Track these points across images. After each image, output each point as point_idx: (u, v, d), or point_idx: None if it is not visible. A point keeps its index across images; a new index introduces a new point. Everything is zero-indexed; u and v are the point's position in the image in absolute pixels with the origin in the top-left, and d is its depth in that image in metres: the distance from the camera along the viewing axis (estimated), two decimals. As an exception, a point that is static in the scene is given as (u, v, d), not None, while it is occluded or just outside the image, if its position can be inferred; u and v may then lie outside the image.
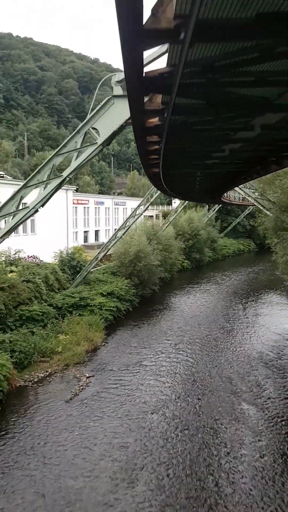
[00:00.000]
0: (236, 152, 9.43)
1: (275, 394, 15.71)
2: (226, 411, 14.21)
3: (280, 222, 21.49)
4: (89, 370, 18.09)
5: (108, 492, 9.66)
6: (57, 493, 9.59)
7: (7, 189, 31.69)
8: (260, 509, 9.31)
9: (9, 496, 9.56)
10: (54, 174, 11.80)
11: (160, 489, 9.92)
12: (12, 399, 15.19)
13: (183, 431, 12.79)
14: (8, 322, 19.96)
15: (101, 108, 11.07)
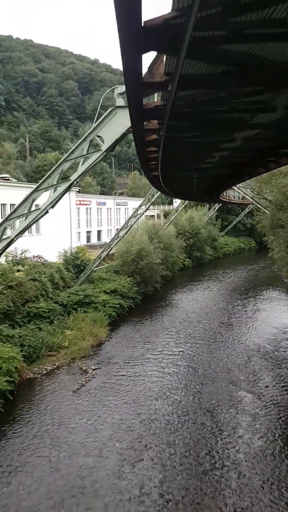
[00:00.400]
0: (225, 158, 10.32)
1: (271, 383, 16.59)
2: (225, 398, 15.11)
3: (276, 220, 22.34)
4: (95, 363, 18.99)
5: (116, 467, 10.61)
6: (70, 468, 10.56)
7: (14, 191, 32.70)
8: (253, 478, 10.20)
9: (28, 471, 10.56)
10: (62, 178, 12.76)
11: (163, 464, 10.84)
12: (22, 390, 16.10)
13: (184, 415, 13.71)
14: (17, 319, 20.88)
15: (105, 118, 12.01)
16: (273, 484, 10.23)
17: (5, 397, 14.72)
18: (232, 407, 14.43)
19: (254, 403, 14.81)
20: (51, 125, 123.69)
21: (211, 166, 11.45)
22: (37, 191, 12.95)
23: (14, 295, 21.39)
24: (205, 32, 4.31)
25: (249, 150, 9.97)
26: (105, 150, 12.20)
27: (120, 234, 32.89)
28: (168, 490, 9.90)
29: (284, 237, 20.67)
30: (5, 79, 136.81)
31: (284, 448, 11.86)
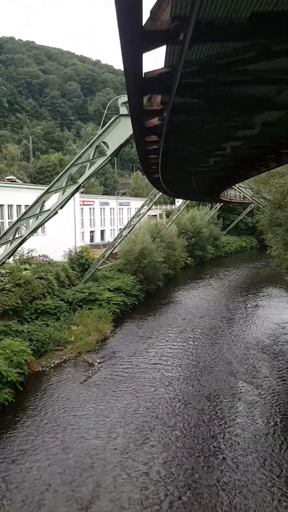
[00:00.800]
0: (219, 162, 11.12)
1: (269, 374, 17.38)
2: (224, 387, 15.93)
3: (275, 218, 23.10)
4: (100, 357, 19.82)
5: (123, 447, 11.50)
6: (81, 448, 11.45)
7: (24, 193, 33.65)
8: (248, 456, 11.02)
9: (42, 452, 11.48)
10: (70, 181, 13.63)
11: (167, 446, 11.69)
12: (32, 381, 16.95)
13: (186, 402, 14.58)
14: (25, 315, 21.74)
15: (109, 125, 12.85)
16: (266, 461, 11.01)
17: (16, 388, 15.56)
18: (231, 396, 15.24)
19: (251, 392, 15.61)
20: (53, 126, 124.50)
21: (207, 169, 12.26)
22: (48, 193, 13.84)
23: (22, 293, 22.25)
24: (188, 80, 5.45)
25: (237, 157, 10.74)
26: (110, 155, 13.08)
27: (123, 234, 33.72)
28: (170, 466, 10.76)
29: (282, 235, 21.45)
30: (8, 80, 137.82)
31: (277, 431, 12.65)
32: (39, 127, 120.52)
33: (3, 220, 31.53)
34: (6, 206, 31.69)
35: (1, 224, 31.39)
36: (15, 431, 12.80)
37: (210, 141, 8.78)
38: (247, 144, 9.02)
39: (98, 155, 13.33)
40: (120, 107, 12.25)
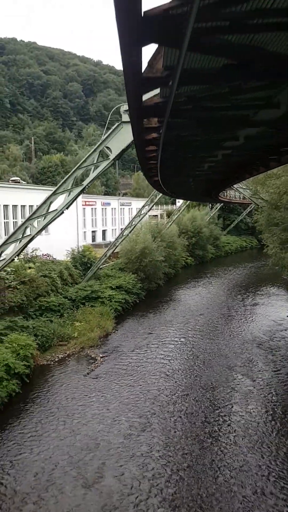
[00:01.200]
0: (213, 167, 11.86)
1: (264, 367, 18.13)
2: (221, 379, 16.70)
3: (272, 218, 23.83)
4: (103, 351, 20.58)
5: (126, 431, 12.35)
6: (86, 432, 12.29)
7: (24, 194, 34.44)
8: (242, 440, 11.79)
9: (50, 436, 12.32)
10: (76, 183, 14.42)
11: (166, 432, 12.45)
12: (37, 374, 17.72)
13: (185, 392, 15.37)
14: (30, 312, 22.51)
15: (112, 132, 13.63)
16: (258, 446, 11.76)
17: (23, 380, 16.33)
18: (227, 387, 16.00)
19: (247, 383, 16.37)
20: (55, 127, 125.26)
21: (203, 173, 13.01)
22: (55, 195, 14.62)
23: (27, 290, 23.02)
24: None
25: (229, 163, 11.46)
26: (112, 159, 13.88)
27: (125, 233, 34.48)
28: (169, 448, 11.58)
29: (278, 235, 22.18)
30: (10, 81, 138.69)
31: (270, 418, 13.39)
32: (41, 128, 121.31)
33: (8, 220, 32.32)
34: (11, 207, 32.47)
35: (6, 223, 32.17)
36: (24, 418, 13.59)
37: (202, 150, 9.53)
38: (236, 152, 9.76)
39: (101, 159, 14.12)
40: (123, 114, 12.99)
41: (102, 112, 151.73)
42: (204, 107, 6.71)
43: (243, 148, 9.23)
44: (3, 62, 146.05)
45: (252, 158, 11.02)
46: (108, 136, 13.59)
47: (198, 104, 6.67)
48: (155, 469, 10.56)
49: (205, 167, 11.60)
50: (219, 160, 10.43)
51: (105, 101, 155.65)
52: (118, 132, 13.37)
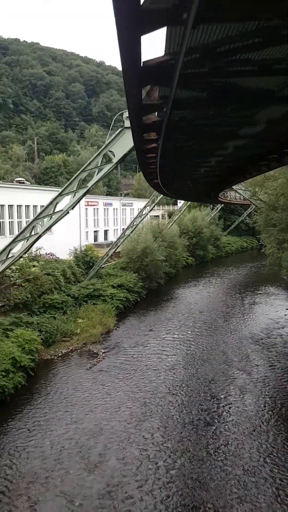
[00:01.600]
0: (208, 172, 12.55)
1: (260, 363, 18.82)
2: (219, 373, 17.39)
3: (269, 219, 24.49)
4: (105, 347, 21.28)
5: (128, 419, 13.17)
6: (90, 420, 13.10)
7: (37, 194, 35.26)
8: (237, 427, 12.48)
9: (55, 423, 13.09)
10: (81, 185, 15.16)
11: (163, 425, 13.14)
12: (42, 368, 18.43)
13: (184, 384, 16.09)
14: (34, 309, 23.24)
15: (116, 137, 14.35)
16: (252, 433, 12.45)
17: (28, 373, 17.03)
18: (224, 380, 16.70)
19: (243, 376, 17.07)
20: (58, 127, 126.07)
21: (200, 176, 13.71)
22: (61, 196, 15.35)
23: (31, 288, 23.74)
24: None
25: (223, 169, 12.14)
26: (115, 163, 14.62)
27: (126, 233, 35.16)
28: (168, 433, 12.34)
29: (275, 235, 22.83)
30: (13, 82, 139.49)
31: (264, 408, 14.07)
32: (44, 128, 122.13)
33: (12, 219, 33.04)
34: (15, 207, 33.19)
35: (11, 223, 32.89)
36: (30, 408, 14.31)
37: (197, 157, 10.17)
38: (228, 159, 10.33)
39: (105, 162, 14.84)
40: (125, 120, 13.68)
41: (104, 113, 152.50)
42: (195, 124, 7.20)
43: (233, 156, 9.82)
44: (6, 63, 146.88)
45: (244, 163, 11.63)
46: (112, 140, 14.32)
47: (190, 123, 7.14)
48: (154, 452, 11.27)
49: (202, 171, 12.30)
50: (213, 165, 11.13)
51: (107, 101, 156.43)
52: (121, 137, 14.08)
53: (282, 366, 18.38)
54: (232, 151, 9.44)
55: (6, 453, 11.45)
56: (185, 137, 8.29)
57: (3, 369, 15.36)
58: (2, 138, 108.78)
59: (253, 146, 9.79)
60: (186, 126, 7.33)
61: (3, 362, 15.73)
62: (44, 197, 34.83)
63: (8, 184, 38.20)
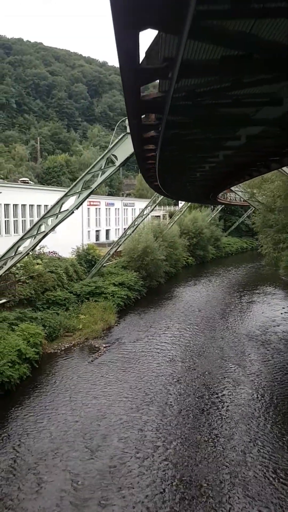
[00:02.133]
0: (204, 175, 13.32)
1: (255, 358, 19.60)
2: (216, 367, 18.19)
3: (266, 220, 25.30)
4: (106, 342, 22.08)
5: (129, 405, 14.03)
6: (92, 407, 13.92)
7: (32, 194, 36.00)
8: (233, 416, 13.30)
9: (60, 410, 13.95)
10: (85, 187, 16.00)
11: (161, 411, 13.96)
12: (46, 361, 19.23)
13: (182, 377, 16.93)
14: (38, 305, 24.05)
15: (119, 141, 15.16)
16: (243, 418, 13.24)
17: (32, 365, 17.83)
18: (220, 373, 17.50)
19: (238, 371, 17.86)
20: (60, 127, 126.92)
21: (198, 179, 14.47)
22: (66, 196, 16.18)
23: (35, 284, 24.57)
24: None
25: (215, 173, 12.88)
26: (118, 166, 15.43)
27: (128, 233, 35.97)
28: (165, 418, 13.16)
29: (272, 236, 23.63)
30: (16, 82, 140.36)
31: (256, 398, 14.86)
32: (47, 128, 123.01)
33: (17, 218, 33.87)
34: (20, 206, 34.02)
35: (15, 222, 33.72)
36: (36, 397, 15.14)
37: (194, 162, 10.97)
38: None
39: (108, 165, 15.65)
40: (127, 126, 14.45)
41: (107, 113, 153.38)
42: (185, 140, 7.69)
43: (224, 163, 10.54)
44: (9, 63, 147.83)
45: (235, 169, 12.33)
46: (115, 145, 15.13)
47: (181, 138, 7.49)
48: (152, 436, 12.10)
49: (197, 175, 13.07)
50: (207, 170, 11.88)
51: (110, 102, 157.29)
52: (123, 142, 14.89)
53: (275, 361, 19.17)
54: (222, 159, 10.24)
55: (15, 436, 12.26)
56: (178, 148, 9.12)
57: (9, 360, 16.15)
58: (5, 137, 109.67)
59: (239, 155, 10.57)
60: (178, 140, 8.16)
61: (10, 354, 16.53)
62: (47, 197, 35.79)
63: (14, 184, 39.04)
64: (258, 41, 4.77)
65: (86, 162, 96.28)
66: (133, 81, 5.33)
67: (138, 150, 8.44)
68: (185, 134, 8.18)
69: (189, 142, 8.83)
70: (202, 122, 7.69)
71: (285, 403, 14.82)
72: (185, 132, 8.09)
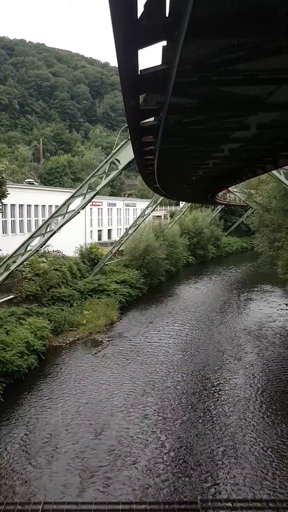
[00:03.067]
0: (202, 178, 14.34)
1: (250, 351, 20.65)
2: (213, 359, 19.25)
3: (263, 220, 26.28)
4: (109, 336, 23.14)
5: (131, 390, 15.17)
6: (95, 395, 15.00)
7: (50, 195, 37.16)
8: (226, 398, 14.37)
9: (66, 396, 15.06)
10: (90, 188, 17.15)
11: (162, 394, 15.06)
12: (52, 353, 20.31)
13: (181, 368, 18.02)
14: (43, 301, 25.15)
15: (121, 147, 16.26)
16: (238, 402, 14.30)
17: (39, 357, 18.91)
18: (217, 364, 18.56)
19: (234, 362, 18.92)
20: (62, 128, 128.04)
21: (195, 181, 15.48)
22: (73, 197, 17.31)
23: (40, 282, 25.64)
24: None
25: (209, 178, 13.83)
26: (121, 169, 16.54)
27: (129, 232, 37.04)
28: (165, 403, 14.28)
29: (268, 235, 24.62)
30: (18, 83, 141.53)
31: (250, 385, 15.91)
32: (49, 129, 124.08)
33: (22, 218, 34.97)
34: (25, 206, 35.14)
35: (21, 222, 34.82)
36: (43, 384, 16.24)
37: (189, 167, 11.93)
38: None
39: (111, 169, 16.74)
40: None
41: (109, 114, 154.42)
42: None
43: (229, 158, 10.92)
44: (12, 64, 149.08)
45: (227, 174, 13.18)
46: (118, 150, 16.23)
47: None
48: (153, 418, 13.19)
49: (193, 179, 14.09)
50: (200, 175, 12.90)
51: (112, 102, 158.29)
52: (125, 148, 15.97)
53: (270, 353, 20.22)
54: (212, 166, 11.15)
55: (25, 418, 13.35)
56: (174, 157, 10.03)
57: (18, 351, 17.25)
58: (8, 138, 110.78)
59: (236, 159, 11.24)
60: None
61: (19, 345, 17.63)
62: (49, 198, 36.88)
63: (20, 185, 40.18)
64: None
65: (88, 163, 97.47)
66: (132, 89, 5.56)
67: (139, 159, 9.35)
68: (179, 147, 8.70)
69: (184, 154, 9.61)
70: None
71: (275, 387, 15.88)
72: (178, 146, 8.54)
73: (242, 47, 5.15)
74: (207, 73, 6.14)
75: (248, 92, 7.07)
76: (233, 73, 6.22)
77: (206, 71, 5.98)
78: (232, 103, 7.54)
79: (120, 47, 4.27)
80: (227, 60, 5.59)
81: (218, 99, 7.25)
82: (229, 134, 8.82)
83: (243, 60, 5.70)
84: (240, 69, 6.03)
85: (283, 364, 18.81)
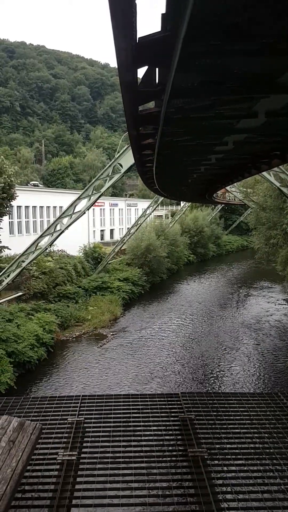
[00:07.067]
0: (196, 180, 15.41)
1: (248, 342, 21.80)
2: (212, 350, 20.40)
3: (259, 218, 27.39)
4: (113, 331, 24.31)
5: (133, 381, 16.19)
6: (103, 381, 16.15)
7: (58, 197, 38.33)
8: (226, 384, 15.55)
9: (76, 381, 16.05)
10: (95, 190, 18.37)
11: (162, 383, 16.21)
12: (59, 346, 21.47)
13: (181, 359, 19.10)
14: (50, 298, 26.31)
15: (123, 152, 17.42)
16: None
17: (48, 350, 20.08)
18: (215, 355, 19.71)
19: (232, 352, 20.07)
20: (64, 129, 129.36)
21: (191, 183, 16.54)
22: (79, 199, 18.51)
23: (47, 280, 26.83)
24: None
25: (201, 181, 14.84)
26: (123, 172, 17.70)
27: (131, 232, 38.22)
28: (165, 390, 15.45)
29: (264, 232, 25.73)
30: (20, 85, 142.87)
31: (247, 371, 17.06)
32: (50, 131, 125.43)
33: (28, 219, 36.19)
34: (31, 208, 36.36)
35: (26, 222, 36.04)
36: (53, 374, 17.40)
37: (182, 172, 13.00)
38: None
39: (114, 172, 17.92)
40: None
41: (109, 115, 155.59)
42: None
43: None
44: (13, 66, 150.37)
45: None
46: (120, 155, 17.41)
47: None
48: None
49: (189, 181, 15.19)
50: (195, 178, 14.00)
51: (112, 103, 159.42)
52: (127, 152, 17.14)
53: (266, 345, 21.35)
54: (203, 171, 12.18)
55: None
56: (170, 164, 11.03)
57: (29, 343, 18.43)
58: (10, 140, 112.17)
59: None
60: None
61: (29, 338, 18.81)
62: (51, 199, 38.05)
63: (27, 187, 41.41)
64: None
65: (90, 164, 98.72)
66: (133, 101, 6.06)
67: (139, 168, 10.37)
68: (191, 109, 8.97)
69: (178, 160, 10.60)
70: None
71: (271, 373, 17.04)
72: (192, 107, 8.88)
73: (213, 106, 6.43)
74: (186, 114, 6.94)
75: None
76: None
77: (185, 112, 6.79)
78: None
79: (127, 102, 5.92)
80: (193, 108, 6.56)
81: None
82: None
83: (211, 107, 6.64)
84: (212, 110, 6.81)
85: (277, 352, 19.98)
